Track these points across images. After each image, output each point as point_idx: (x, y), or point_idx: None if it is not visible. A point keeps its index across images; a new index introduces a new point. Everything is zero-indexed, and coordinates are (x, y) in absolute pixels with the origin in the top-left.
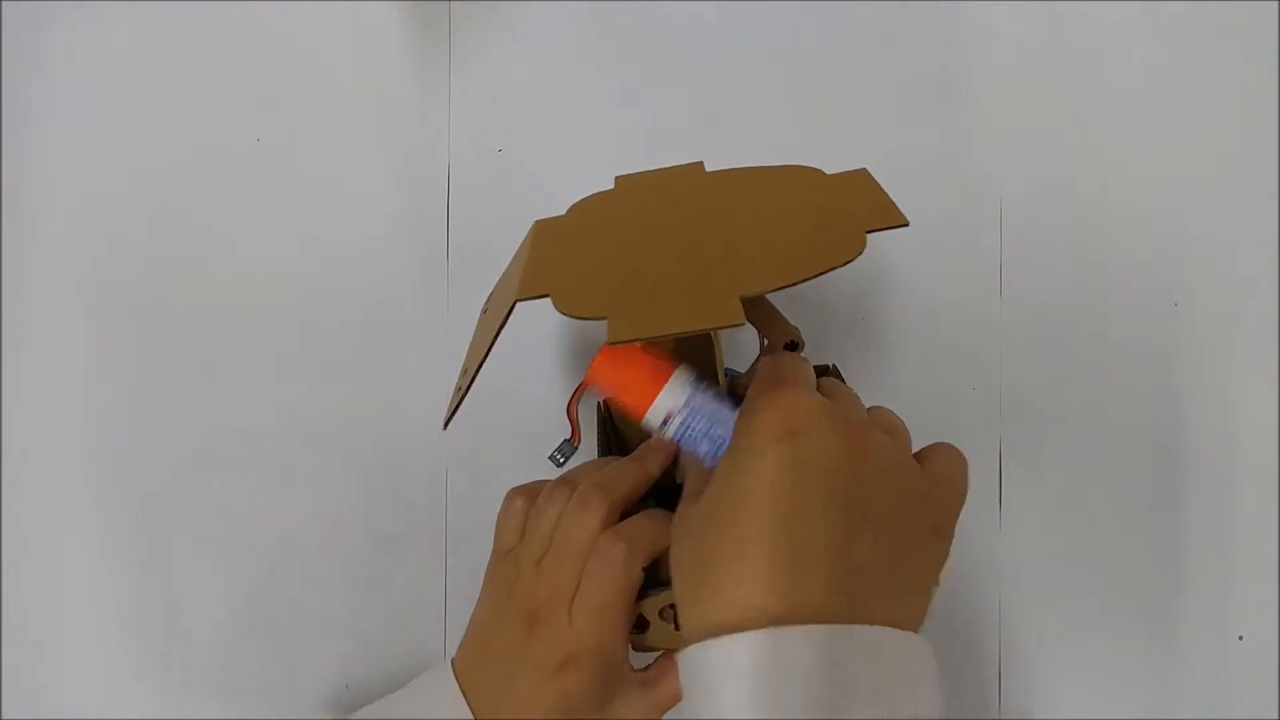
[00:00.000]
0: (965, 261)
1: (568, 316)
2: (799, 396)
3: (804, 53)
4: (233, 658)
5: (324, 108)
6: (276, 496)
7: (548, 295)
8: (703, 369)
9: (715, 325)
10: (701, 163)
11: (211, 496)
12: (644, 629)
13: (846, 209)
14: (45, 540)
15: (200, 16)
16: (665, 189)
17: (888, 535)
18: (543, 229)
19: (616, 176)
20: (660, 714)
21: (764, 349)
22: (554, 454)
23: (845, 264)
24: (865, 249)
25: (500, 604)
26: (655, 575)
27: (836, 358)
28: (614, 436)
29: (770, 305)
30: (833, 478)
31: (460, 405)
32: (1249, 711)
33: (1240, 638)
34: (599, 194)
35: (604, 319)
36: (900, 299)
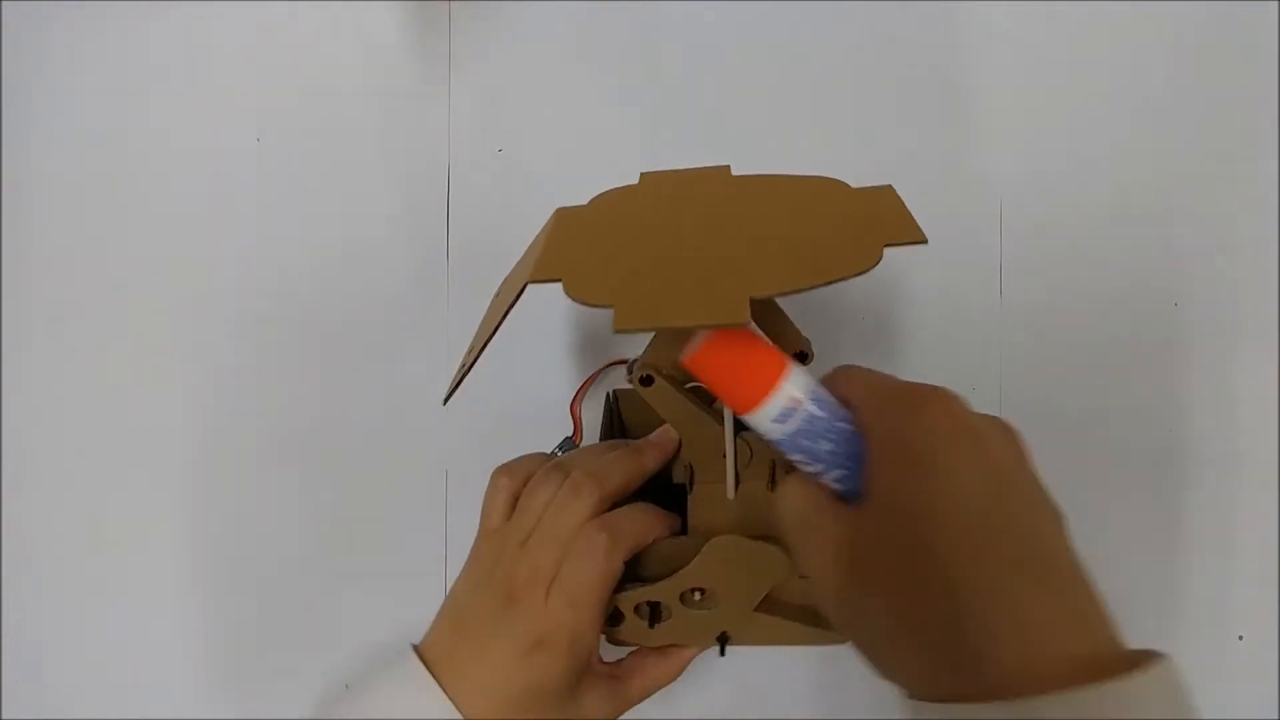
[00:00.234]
0: (965, 261)
1: (575, 302)
2: (956, 399)
3: (804, 53)
4: (232, 658)
5: (324, 108)
6: (276, 496)
7: (559, 280)
8: None
9: (721, 322)
10: (728, 166)
11: (210, 496)
12: (618, 622)
13: (865, 221)
14: (45, 540)
15: (200, 16)
16: (689, 188)
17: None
18: (563, 217)
19: (643, 173)
20: (625, 709)
21: None
22: (555, 450)
23: (858, 275)
24: (880, 262)
25: (480, 580)
26: (635, 570)
27: (836, 357)
28: (619, 431)
29: (782, 313)
30: (1030, 478)
31: (461, 383)
32: (1249, 711)
33: (1240, 638)
34: (623, 187)
35: (610, 307)
36: (900, 299)
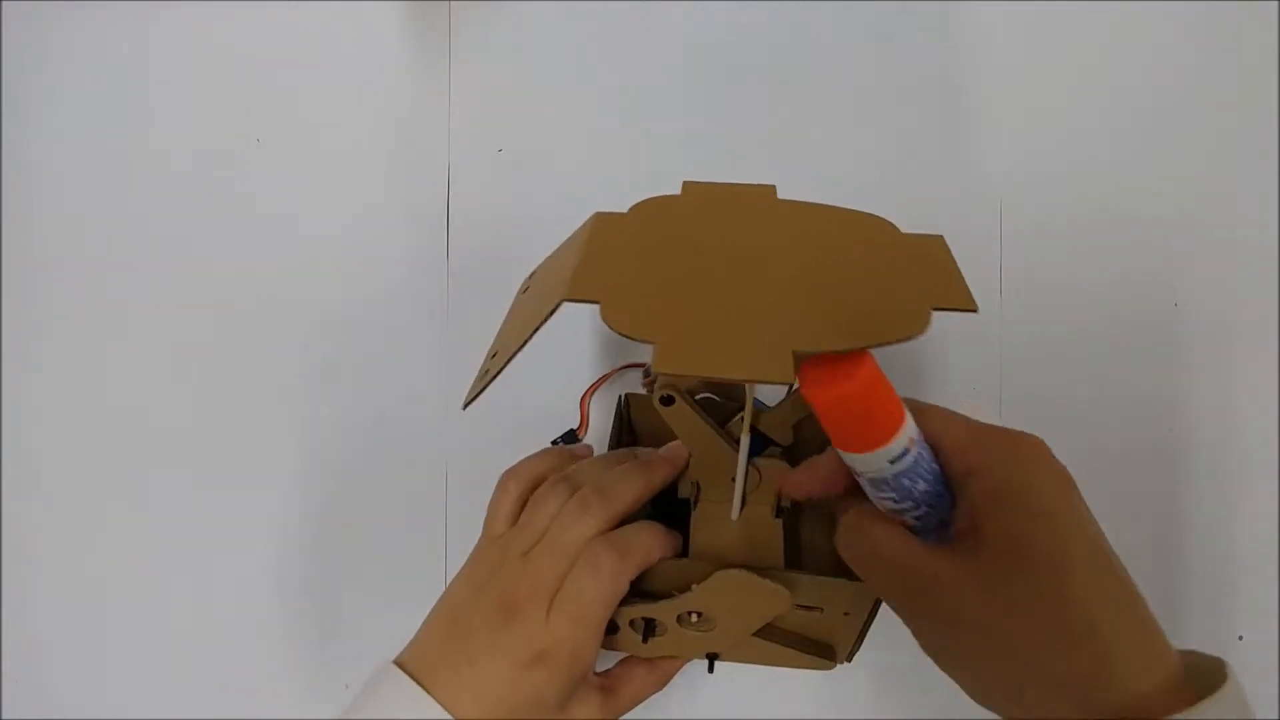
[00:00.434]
0: (965, 261)
1: (614, 331)
2: (1037, 441)
3: (804, 53)
4: (232, 657)
5: (324, 108)
6: (276, 495)
7: (598, 302)
8: (729, 396)
9: (766, 380)
10: (773, 186)
11: (210, 495)
12: (613, 633)
13: (915, 279)
14: (45, 540)
15: (200, 16)
16: (732, 209)
17: None
18: (602, 224)
19: (685, 181)
20: (616, 718)
21: (792, 390)
22: (556, 441)
23: (903, 341)
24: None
25: (479, 586)
26: (636, 585)
27: None
28: (629, 435)
29: None
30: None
31: (485, 390)
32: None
33: (1240, 638)
34: (664, 197)
35: (652, 344)
36: None
